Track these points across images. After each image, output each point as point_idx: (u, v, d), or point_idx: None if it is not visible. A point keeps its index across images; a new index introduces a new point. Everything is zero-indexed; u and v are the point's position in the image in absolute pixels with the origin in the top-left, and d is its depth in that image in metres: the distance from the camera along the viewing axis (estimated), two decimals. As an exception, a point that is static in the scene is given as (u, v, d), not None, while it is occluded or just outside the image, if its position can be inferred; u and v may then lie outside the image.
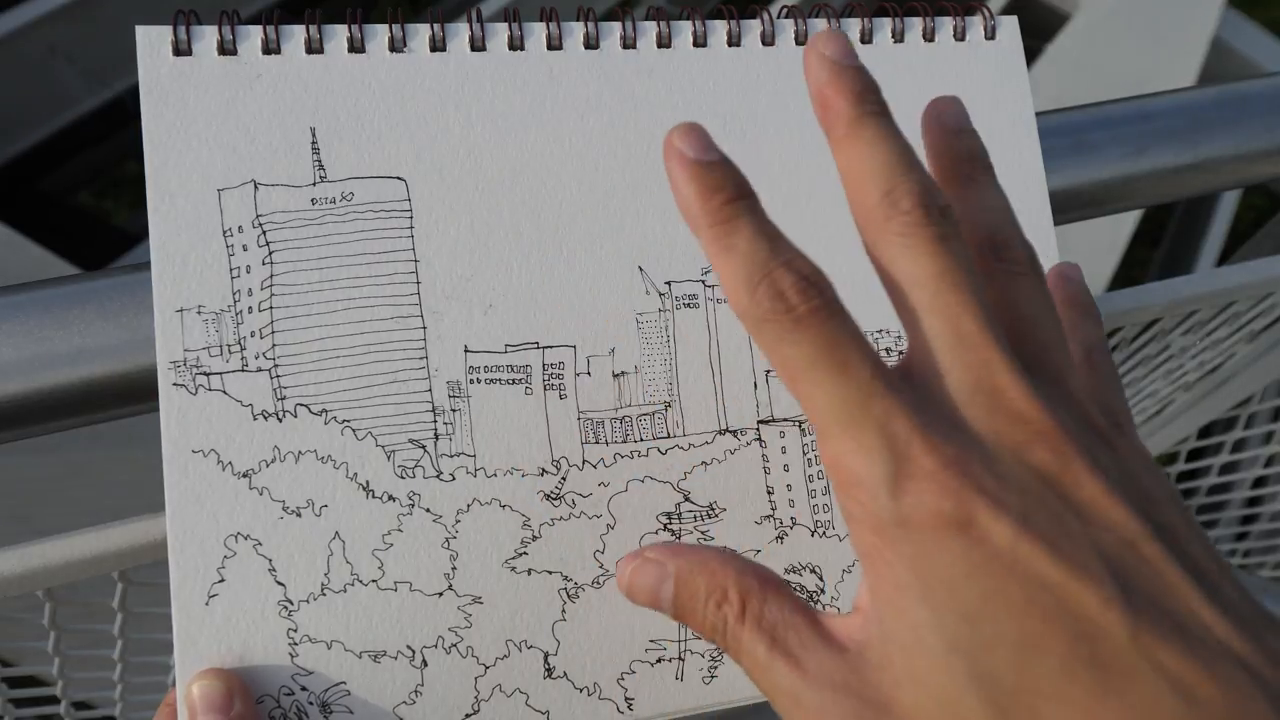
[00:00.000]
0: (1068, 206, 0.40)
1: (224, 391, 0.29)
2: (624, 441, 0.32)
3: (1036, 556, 0.20)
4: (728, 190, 0.23)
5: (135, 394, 0.31)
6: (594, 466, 0.31)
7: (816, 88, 0.25)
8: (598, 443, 0.31)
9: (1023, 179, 0.36)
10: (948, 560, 0.20)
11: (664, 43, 0.34)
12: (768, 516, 0.32)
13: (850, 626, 0.22)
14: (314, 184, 0.30)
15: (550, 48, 0.33)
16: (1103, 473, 0.21)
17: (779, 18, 0.35)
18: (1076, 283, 0.29)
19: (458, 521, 0.30)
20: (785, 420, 0.33)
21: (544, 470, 0.31)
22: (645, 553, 0.25)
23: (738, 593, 0.23)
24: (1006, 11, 1.27)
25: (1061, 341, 0.24)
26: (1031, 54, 1.11)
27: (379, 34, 0.32)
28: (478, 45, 0.32)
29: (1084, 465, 0.21)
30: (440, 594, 0.30)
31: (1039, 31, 1.26)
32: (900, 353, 0.34)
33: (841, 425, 0.21)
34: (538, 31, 0.33)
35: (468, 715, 0.30)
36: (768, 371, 0.33)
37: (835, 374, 0.21)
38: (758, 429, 0.32)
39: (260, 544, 0.29)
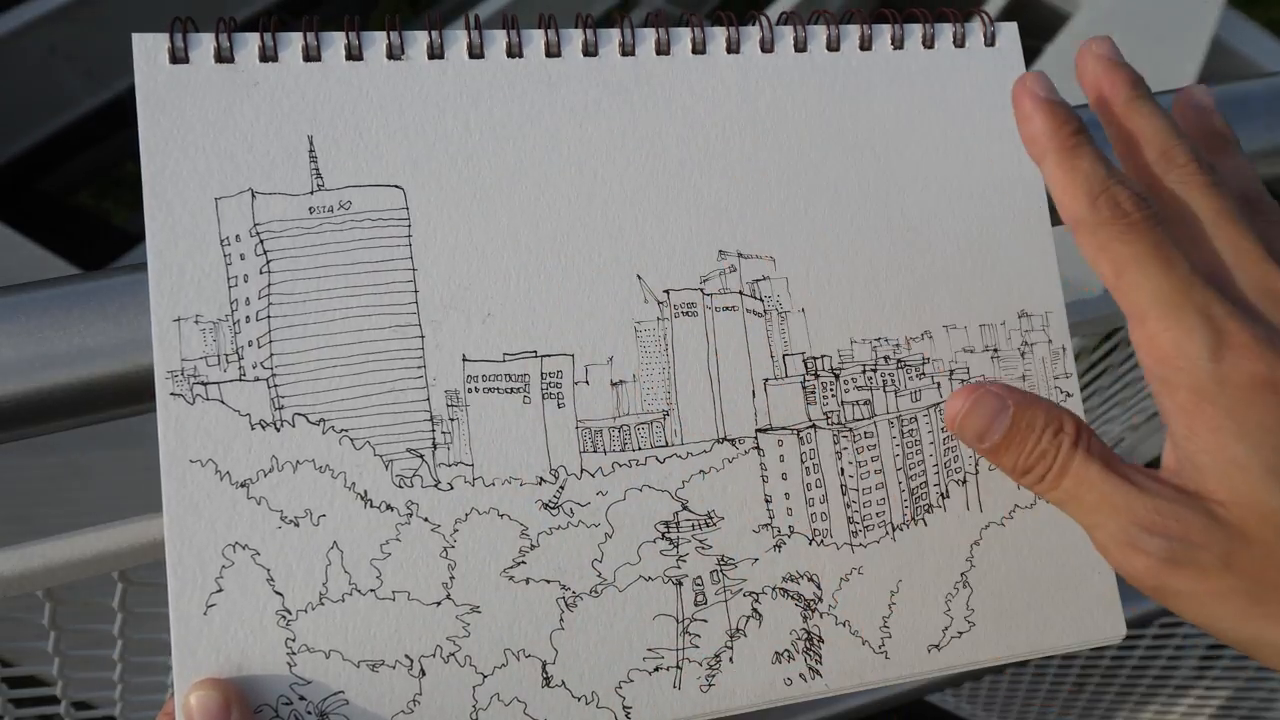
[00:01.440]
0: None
1: (222, 401, 0.29)
2: (622, 450, 0.32)
3: None
4: (1073, 123, 0.29)
5: (135, 394, 0.31)
6: (592, 475, 0.31)
7: (1093, 80, 0.31)
8: (596, 451, 0.31)
9: (1021, 185, 0.36)
10: (1262, 410, 0.26)
11: (663, 50, 0.34)
12: (765, 525, 0.32)
13: (1161, 474, 0.27)
14: (311, 192, 0.30)
15: (549, 55, 0.33)
16: None
17: (777, 24, 0.35)
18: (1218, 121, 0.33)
19: (456, 531, 0.30)
20: (783, 428, 0.33)
21: (542, 479, 0.31)
22: (984, 386, 0.29)
23: (1073, 424, 0.28)
24: (1007, 10, 1.27)
25: (1262, 200, 0.30)
26: (1031, 54, 1.11)
27: (377, 41, 0.32)
28: (476, 52, 0.32)
29: None
30: (438, 603, 0.30)
31: (1039, 31, 1.26)
32: (899, 361, 0.34)
33: (1165, 308, 0.27)
34: (536, 39, 0.33)
35: None
36: (765, 380, 0.33)
37: (1163, 267, 0.27)
38: (755, 437, 0.32)
39: (258, 553, 0.29)
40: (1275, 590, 0.26)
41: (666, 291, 0.33)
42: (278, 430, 0.29)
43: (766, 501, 0.32)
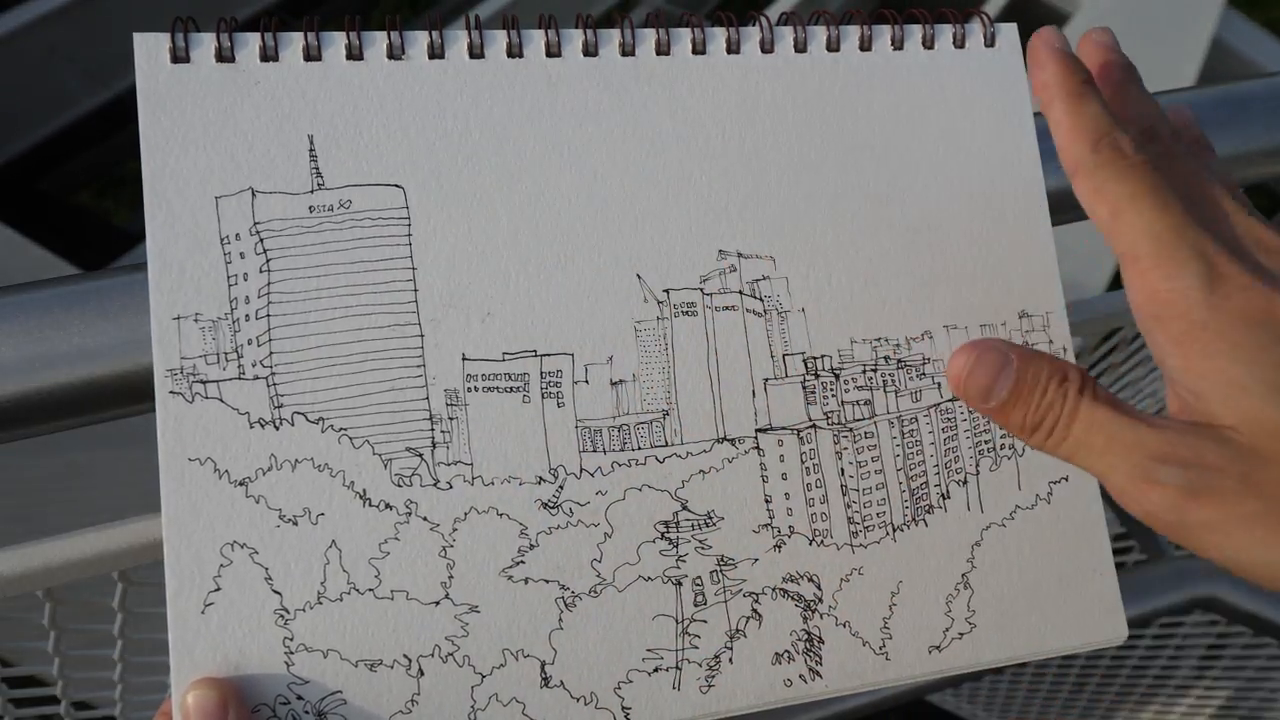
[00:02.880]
0: (1068, 206, 0.39)
1: (221, 399, 0.29)
2: (622, 450, 0.32)
3: None
4: (1082, 73, 0.30)
5: (135, 394, 0.31)
6: (591, 475, 0.31)
7: (1094, 61, 0.33)
8: (595, 451, 0.31)
9: (1022, 185, 0.36)
10: (1257, 335, 0.26)
11: (663, 50, 0.34)
12: (765, 525, 0.32)
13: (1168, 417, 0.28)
14: (312, 191, 0.30)
15: (549, 55, 0.33)
16: None
17: (777, 24, 0.35)
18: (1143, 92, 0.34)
19: (455, 530, 0.30)
20: (783, 428, 0.33)
21: (541, 479, 0.31)
22: (986, 341, 0.30)
23: (1078, 373, 0.28)
24: (1007, 10, 1.27)
25: (1237, 188, 0.31)
26: (1033, 54, 1.11)
27: (377, 41, 0.31)
28: (476, 52, 0.32)
29: None
30: (437, 603, 0.30)
31: (1040, 32, 1.26)
32: (900, 361, 0.34)
33: (1159, 244, 0.27)
34: (536, 39, 0.33)
35: None
36: (765, 380, 0.33)
37: (1158, 209, 0.27)
38: (755, 437, 0.32)
39: (256, 552, 0.29)
40: None
41: (666, 291, 0.32)
42: (277, 429, 0.29)
43: (766, 501, 0.32)
